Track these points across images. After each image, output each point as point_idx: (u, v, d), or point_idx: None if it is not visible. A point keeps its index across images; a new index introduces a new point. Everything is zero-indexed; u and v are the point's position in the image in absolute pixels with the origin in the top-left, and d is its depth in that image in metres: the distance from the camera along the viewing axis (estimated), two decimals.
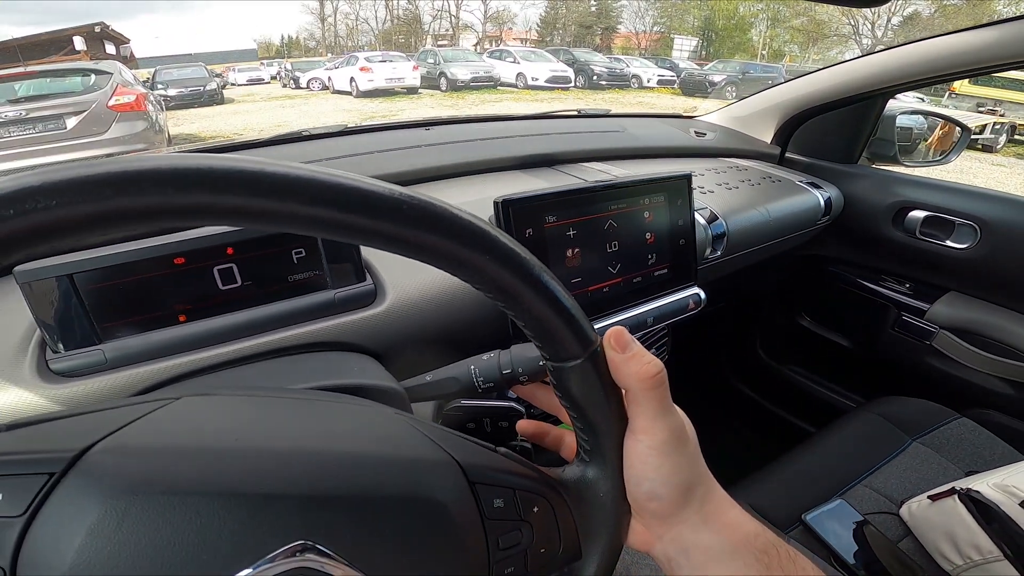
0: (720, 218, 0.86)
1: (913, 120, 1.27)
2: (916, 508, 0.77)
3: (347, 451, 0.27)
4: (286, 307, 0.51)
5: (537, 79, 14.84)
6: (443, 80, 14.45)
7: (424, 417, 0.53)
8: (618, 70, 16.75)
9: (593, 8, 37.90)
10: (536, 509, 0.30)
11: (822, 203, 1.09)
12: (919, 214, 1.11)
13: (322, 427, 0.29)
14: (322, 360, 0.50)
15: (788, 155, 1.31)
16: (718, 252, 0.86)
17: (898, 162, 1.23)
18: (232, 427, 0.27)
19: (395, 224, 0.21)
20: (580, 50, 20.00)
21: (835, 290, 1.33)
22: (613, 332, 0.30)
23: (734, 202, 0.93)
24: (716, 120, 1.39)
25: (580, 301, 0.27)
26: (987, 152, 9.28)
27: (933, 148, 1.28)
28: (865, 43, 27.34)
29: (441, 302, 0.58)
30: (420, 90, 14.05)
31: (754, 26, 32.40)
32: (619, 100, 14.05)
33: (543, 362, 0.29)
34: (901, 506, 0.79)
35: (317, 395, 0.33)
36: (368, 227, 0.21)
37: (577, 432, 0.32)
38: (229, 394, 0.30)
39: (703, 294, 0.78)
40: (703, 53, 32.45)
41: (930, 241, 1.11)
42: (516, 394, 0.44)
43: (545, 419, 0.43)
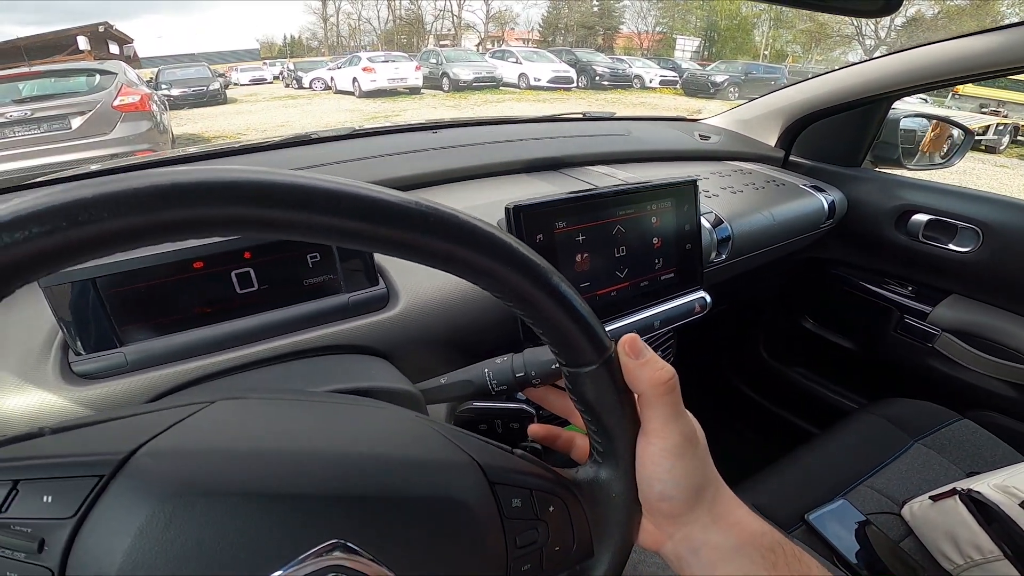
0: (725, 222, 0.86)
1: (917, 123, 1.27)
2: (917, 508, 0.78)
3: (376, 453, 0.28)
4: (301, 310, 0.52)
5: (539, 79, 14.83)
6: (445, 80, 14.45)
7: (438, 417, 0.54)
8: (620, 70, 16.72)
9: (595, 8, 37.87)
10: (552, 509, 0.31)
11: (826, 207, 1.09)
12: (922, 218, 1.12)
13: (350, 430, 0.30)
14: (339, 363, 0.51)
15: (792, 158, 1.32)
16: (723, 256, 0.86)
17: (902, 165, 1.23)
18: (266, 430, 0.28)
19: (423, 236, 0.22)
20: (582, 50, 19.98)
21: (838, 293, 1.33)
22: (627, 339, 0.31)
23: (739, 206, 0.94)
24: (720, 123, 1.39)
25: (588, 305, 0.28)
26: (990, 153, 9.27)
27: (926, 150, 1.28)
28: (868, 44, 27.27)
29: (452, 305, 0.59)
30: (423, 90, 14.04)
31: (757, 27, 32.37)
32: (621, 100, 14.03)
33: (556, 366, 0.30)
34: (903, 506, 0.80)
35: (342, 399, 0.34)
36: (397, 238, 0.22)
37: (591, 434, 0.32)
38: (260, 398, 0.31)
39: (709, 298, 0.78)
40: (705, 54, 32.39)
41: (933, 244, 1.11)
42: (527, 397, 0.45)
43: (552, 420, 0.44)
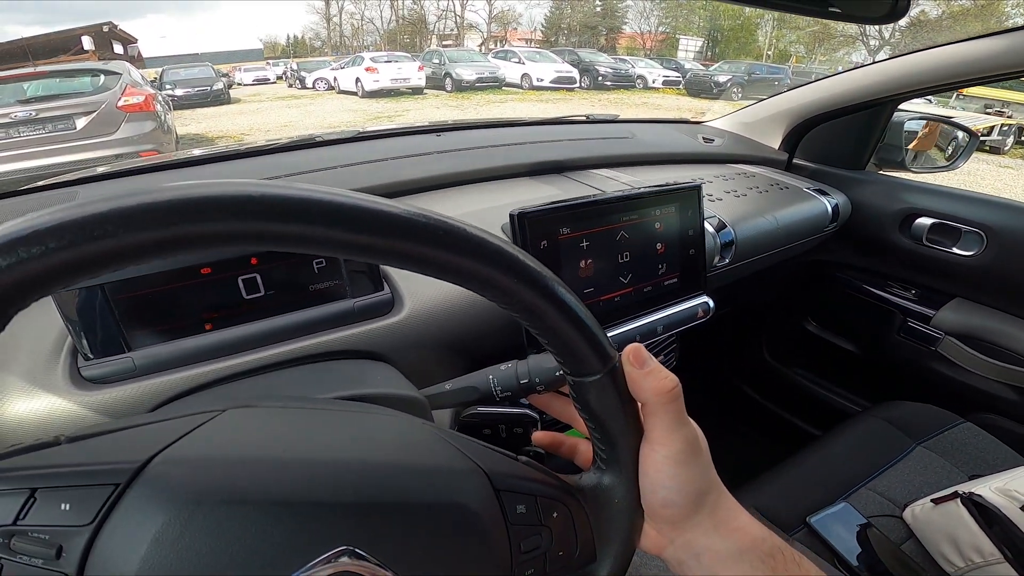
0: (728, 226, 0.86)
1: (921, 126, 1.27)
2: (919, 511, 0.78)
3: (385, 461, 0.29)
4: (307, 316, 0.53)
5: (542, 80, 14.83)
6: (448, 80, 14.46)
7: (442, 422, 0.54)
8: (623, 71, 16.68)
9: (598, 8, 37.85)
10: (555, 514, 0.31)
11: (829, 210, 1.09)
12: (926, 221, 1.12)
13: (359, 437, 0.31)
14: (345, 368, 0.52)
15: (796, 161, 1.32)
16: (726, 260, 0.86)
17: (906, 168, 1.23)
18: (277, 438, 0.29)
19: (433, 249, 0.23)
20: (585, 51, 19.93)
21: (841, 295, 1.33)
22: (631, 349, 0.31)
23: (742, 210, 0.94)
24: (724, 126, 1.39)
25: (591, 311, 0.29)
26: (995, 154, 9.23)
27: (916, 148, 1.27)
28: (872, 44, 27.18)
29: (456, 311, 0.60)
30: (425, 90, 14.05)
31: (760, 27, 32.31)
32: (624, 101, 14.01)
33: (560, 373, 0.31)
34: (904, 509, 0.80)
35: (350, 406, 0.34)
36: (406, 252, 0.22)
37: (594, 441, 0.33)
38: (270, 406, 0.32)
39: (712, 302, 0.78)
40: (709, 54, 32.35)
41: (937, 248, 1.11)
42: (531, 402, 0.45)
43: (555, 425, 0.44)
